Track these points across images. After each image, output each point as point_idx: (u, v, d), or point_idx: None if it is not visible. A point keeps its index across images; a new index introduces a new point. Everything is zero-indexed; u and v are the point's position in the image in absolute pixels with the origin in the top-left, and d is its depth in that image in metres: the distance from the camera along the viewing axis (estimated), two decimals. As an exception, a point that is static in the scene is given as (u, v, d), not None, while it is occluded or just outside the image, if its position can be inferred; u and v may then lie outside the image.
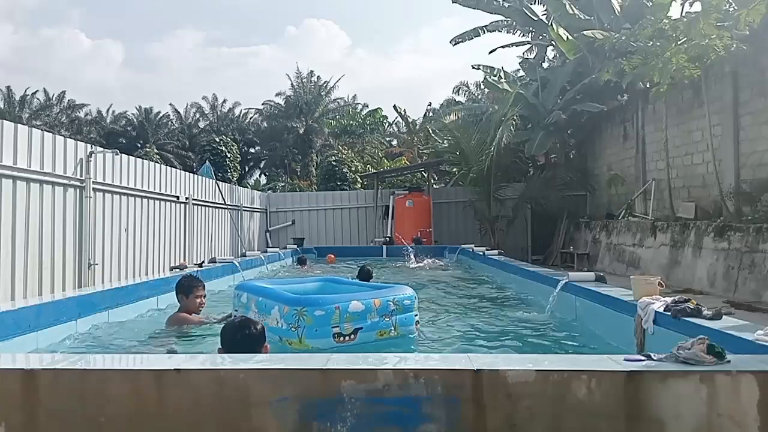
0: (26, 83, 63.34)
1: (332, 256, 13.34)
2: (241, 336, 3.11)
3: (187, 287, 5.15)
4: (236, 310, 4.93)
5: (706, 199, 11.42)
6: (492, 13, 17.73)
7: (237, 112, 42.19)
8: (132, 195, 9.17)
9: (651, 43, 10.70)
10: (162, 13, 77.45)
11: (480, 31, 18.38)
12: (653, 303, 4.00)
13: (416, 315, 4.76)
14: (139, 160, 9.79)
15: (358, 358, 2.65)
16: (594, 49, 13.77)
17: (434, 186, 21.51)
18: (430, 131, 25.20)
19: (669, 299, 3.99)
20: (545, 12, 17.31)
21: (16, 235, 6.37)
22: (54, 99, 40.50)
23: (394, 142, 34.43)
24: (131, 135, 41.60)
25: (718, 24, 9.45)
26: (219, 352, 3.09)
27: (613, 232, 13.87)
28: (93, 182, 7.88)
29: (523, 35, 18.76)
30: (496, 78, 17.94)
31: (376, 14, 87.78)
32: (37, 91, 39.71)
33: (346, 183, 23.66)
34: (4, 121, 6.50)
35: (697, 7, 10.29)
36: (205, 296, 5.20)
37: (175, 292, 5.27)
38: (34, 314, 4.37)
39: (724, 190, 10.41)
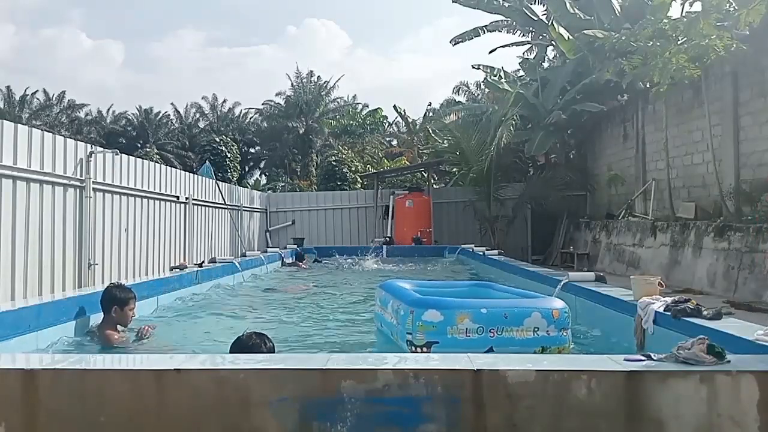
0: (26, 83, 63.11)
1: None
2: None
3: (124, 299, 4.73)
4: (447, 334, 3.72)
5: (706, 199, 11.42)
6: (492, 13, 17.72)
7: (237, 112, 42.15)
8: (132, 195, 9.16)
9: (651, 43, 10.69)
10: (162, 13, 77.36)
11: (480, 31, 18.37)
12: (653, 303, 4.00)
13: None
14: (139, 160, 9.78)
15: (357, 358, 2.65)
16: (594, 49, 13.77)
17: (434, 186, 21.49)
18: (430, 131, 25.20)
19: (669, 299, 3.99)
20: (545, 12, 17.31)
21: (16, 235, 6.36)
22: (54, 99, 40.39)
23: (394, 142, 34.42)
24: (131, 135, 41.54)
25: (718, 24, 9.45)
26: None
27: (613, 232, 13.86)
28: (93, 182, 7.87)
29: (523, 35, 18.75)
30: (496, 78, 17.95)
31: (376, 14, 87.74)
32: (37, 91, 39.62)
33: (346, 183, 23.66)
34: (4, 121, 6.48)
35: (697, 7, 10.30)
36: (134, 308, 4.83)
37: (101, 302, 4.70)
38: (33, 314, 4.35)
39: (724, 190, 10.41)
